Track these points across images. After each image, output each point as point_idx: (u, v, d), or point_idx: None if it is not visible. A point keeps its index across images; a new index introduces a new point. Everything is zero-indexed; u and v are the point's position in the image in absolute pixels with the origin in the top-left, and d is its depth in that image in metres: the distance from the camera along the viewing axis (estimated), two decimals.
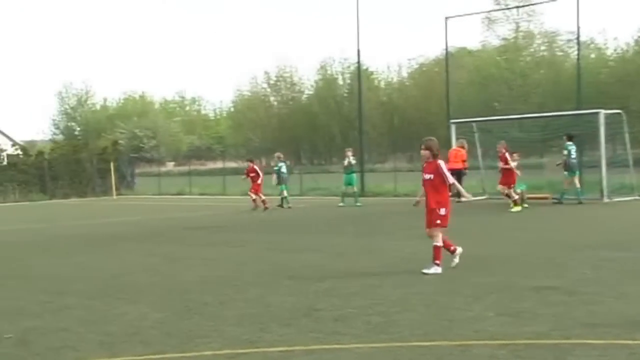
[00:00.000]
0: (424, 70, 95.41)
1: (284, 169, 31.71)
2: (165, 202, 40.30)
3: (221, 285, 11.94)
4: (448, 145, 32.28)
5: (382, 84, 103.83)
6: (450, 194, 12.82)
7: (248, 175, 30.84)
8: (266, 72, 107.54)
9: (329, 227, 22.36)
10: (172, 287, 12.07)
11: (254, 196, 30.14)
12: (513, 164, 25.84)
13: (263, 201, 29.95)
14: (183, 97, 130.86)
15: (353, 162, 31.02)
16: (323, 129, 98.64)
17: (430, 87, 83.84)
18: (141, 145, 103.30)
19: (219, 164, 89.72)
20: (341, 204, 30.47)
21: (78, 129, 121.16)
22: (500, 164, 26.16)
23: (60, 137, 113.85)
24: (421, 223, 12.81)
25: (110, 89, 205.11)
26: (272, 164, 32.86)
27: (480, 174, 32.94)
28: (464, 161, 30.14)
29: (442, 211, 12.38)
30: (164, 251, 17.38)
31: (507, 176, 25.84)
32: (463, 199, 29.46)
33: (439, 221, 12.37)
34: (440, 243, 12.36)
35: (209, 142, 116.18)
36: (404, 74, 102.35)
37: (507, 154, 25.95)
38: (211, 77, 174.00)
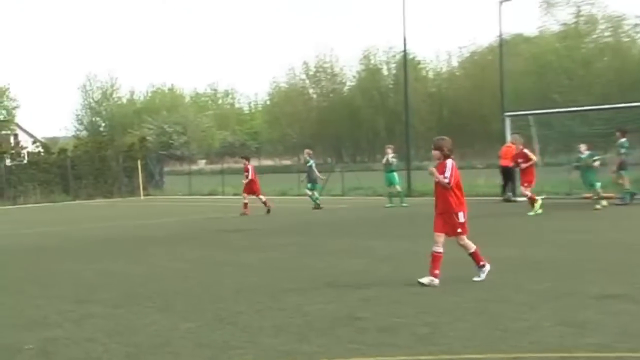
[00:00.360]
0: (475, 59, 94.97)
1: (313, 167, 31.82)
2: (197, 202, 40.54)
3: (256, 293, 11.99)
4: (502, 140, 32.08)
5: (431, 74, 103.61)
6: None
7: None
8: (305, 63, 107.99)
9: (372, 230, 22.34)
10: (203, 294, 12.14)
11: (263, 198, 29.56)
12: (535, 159, 25.51)
13: (245, 204, 29.41)
14: (215, 90, 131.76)
15: (393, 160, 30.95)
16: (366, 124, 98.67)
17: (482, 77, 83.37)
18: (170, 141, 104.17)
19: (254, 162, 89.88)
20: (388, 205, 30.46)
21: (103, 124, 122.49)
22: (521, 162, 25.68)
23: (83, 133, 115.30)
24: (471, 225, 12.72)
25: (138, 82, 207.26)
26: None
27: (538, 172, 32.63)
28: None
29: (461, 217, 12.06)
30: (194, 256, 17.49)
31: (527, 174, 25.35)
32: (518, 199, 29.35)
33: (459, 230, 12.08)
34: (473, 248, 12.20)
35: (243, 138, 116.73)
36: (454, 63, 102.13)
37: (525, 150, 25.61)
38: (246, 68, 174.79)
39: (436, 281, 11.91)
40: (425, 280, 11.92)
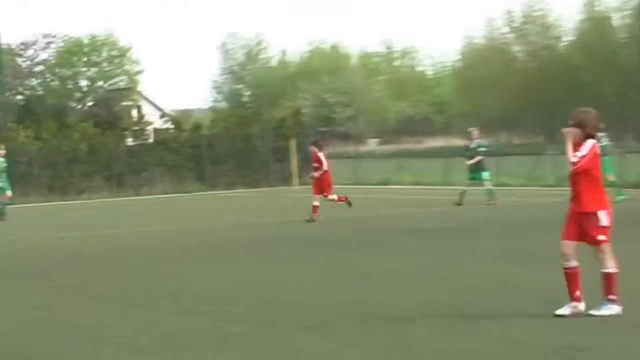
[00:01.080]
0: None
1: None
2: (365, 194, 40.67)
3: (441, 311, 11.97)
4: None
5: None
6: None
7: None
8: (508, 12, 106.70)
9: None
10: (373, 313, 12.16)
11: (332, 196, 28.75)
12: None
13: (315, 207, 27.87)
14: (390, 49, 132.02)
15: (605, 144, 30.38)
16: (589, 90, 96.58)
17: None
18: (333, 115, 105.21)
19: (439, 142, 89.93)
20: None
21: (247, 93, 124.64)
22: None
23: (223, 104, 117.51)
24: None
25: (291, 39, 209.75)
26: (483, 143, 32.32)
27: None
28: None
29: (603, 219, 11.25)
30: (361, 263, 17.55)
31: None
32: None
33: (601, 237, 11.20)
34: (611, 269, 11.18)
35: (426, 110, 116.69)
36: None
37: None
38: (430, 20, 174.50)
39: (580, 306, 11.24)
40: (564, 310, 11.25)
